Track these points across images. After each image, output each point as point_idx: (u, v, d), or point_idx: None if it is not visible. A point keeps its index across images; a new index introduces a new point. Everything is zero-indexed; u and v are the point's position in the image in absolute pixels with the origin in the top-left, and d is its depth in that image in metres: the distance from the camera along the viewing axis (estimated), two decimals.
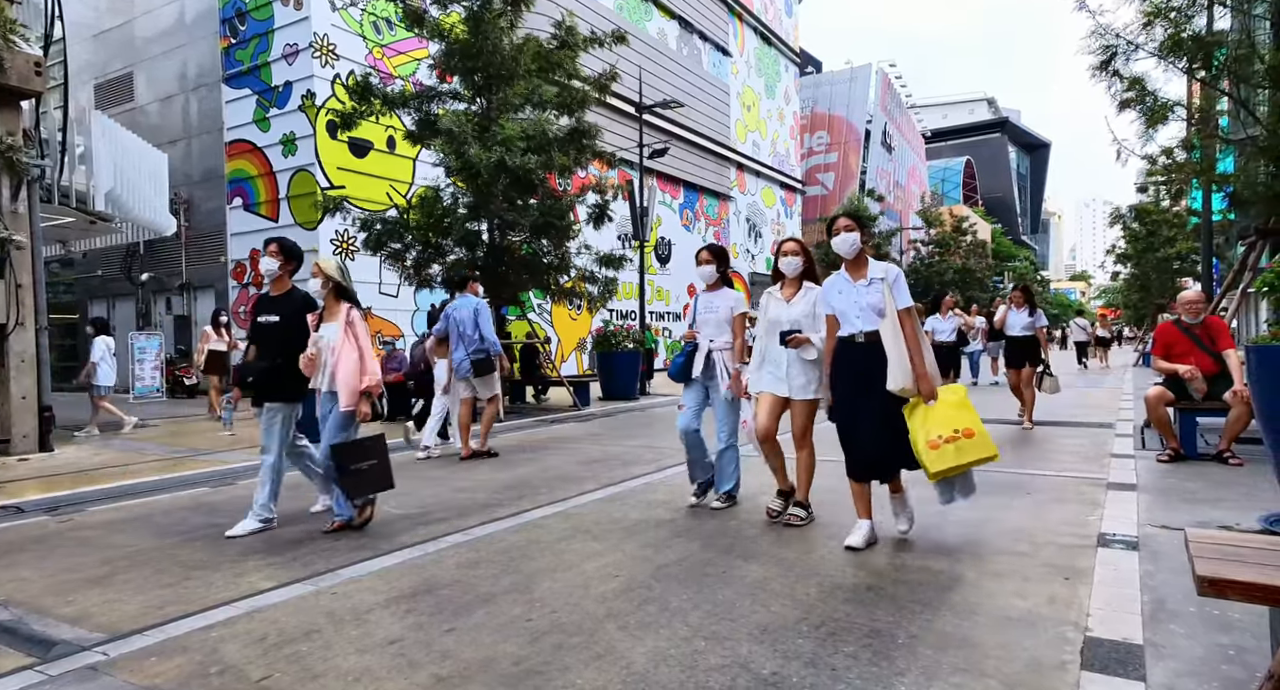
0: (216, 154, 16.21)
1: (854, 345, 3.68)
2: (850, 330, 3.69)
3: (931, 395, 3.53)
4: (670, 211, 24.15)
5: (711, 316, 4.70)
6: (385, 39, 15.76)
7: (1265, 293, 4.61)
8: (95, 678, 2.46)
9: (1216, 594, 1.65)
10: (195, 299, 16.95)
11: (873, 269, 3.72)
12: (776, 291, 4.30)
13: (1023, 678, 2.28)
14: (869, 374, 3.60)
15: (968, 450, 3.42)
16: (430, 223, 10.46)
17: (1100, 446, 6.90)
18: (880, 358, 3.54)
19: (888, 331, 3.55)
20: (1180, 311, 6.23)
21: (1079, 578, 3.19)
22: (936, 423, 3.47)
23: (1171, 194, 20.29)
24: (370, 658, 2.53)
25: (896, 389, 3.50)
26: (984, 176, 71.93)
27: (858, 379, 3.66)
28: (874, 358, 3.57)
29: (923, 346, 3.60)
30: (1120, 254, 30.90)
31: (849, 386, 3.70)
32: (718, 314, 4.68)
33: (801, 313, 4.14)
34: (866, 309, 3.64)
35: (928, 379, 3.54)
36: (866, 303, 3.65)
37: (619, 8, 22.09)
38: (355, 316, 4.46)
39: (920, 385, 3.53)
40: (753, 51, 30.25)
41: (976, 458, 3.44)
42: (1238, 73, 7.19)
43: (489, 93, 10.62)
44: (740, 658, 2.45)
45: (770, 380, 4.23)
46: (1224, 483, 5.09)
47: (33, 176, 7.97)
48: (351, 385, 4.34)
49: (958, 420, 3.46)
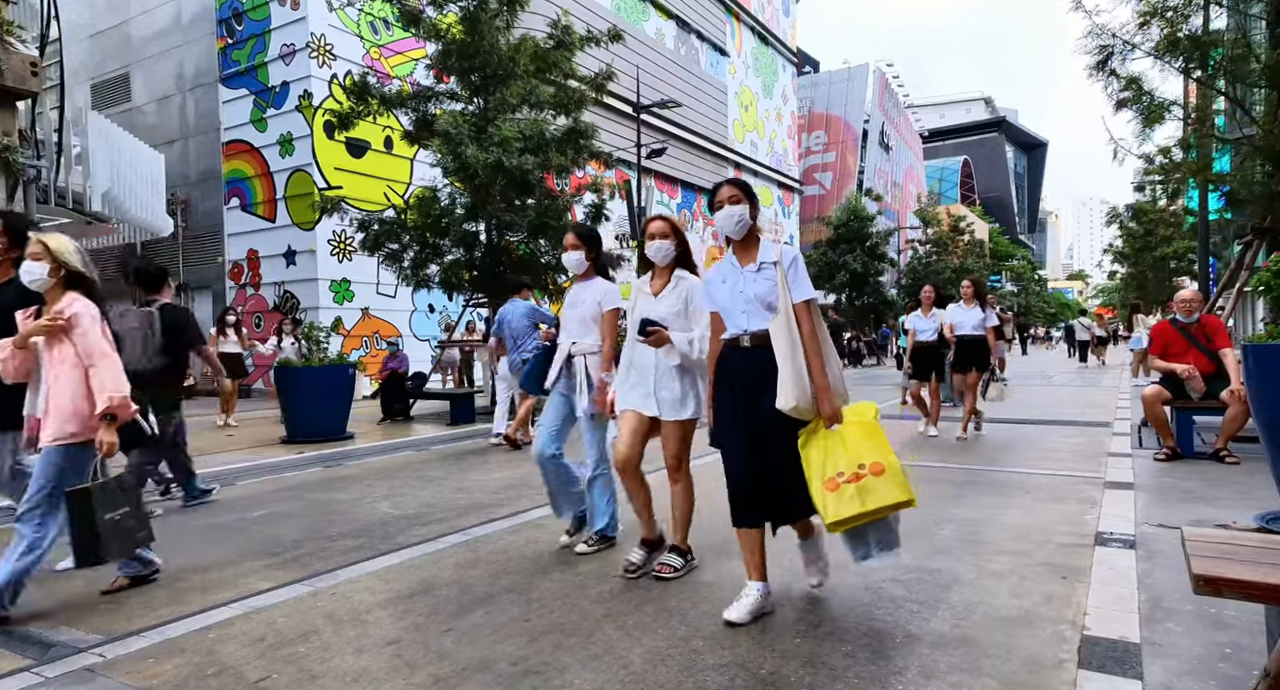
0: (213, 154, 16.19)
1: (739, 350, 2.87)
2: (735, 330, 2.88)
3: (834, 417, 2.70)
4: (668, 211, 24.17)
5: (575, 312, 3.82)
6: (382, 39, 15.75)
7: (1261, 291, 4.61)
8: (92, 679, 2.46)
9: (1213, 592, 1.66)
10: (192, 300, 16.92)
11: (764, 251, 2.89)
12: (645, 284, 3.48)
13: (1020, 676, 2.28)
14: (757, 387, 2.79)
15: (874, 492, 2.57)
16: (428, 223, 10.45)
17: (1097, 445, 6.91)
18: (771, 366, 2.72)
19: (780, 332, 2.73)
20: (1176, 310, 6.25)
21: (1076, 576, 3.20)
22: (837, 454, 2.65)
23: (1168, 193, 20.32)
24: (368, 658, 2.53)
25: (788, 408, 2.68)
26: (981, 176, 72.05)
27: (743, 393, 2.85)
28: (763, 366, 2.76)
29: (827, 352, 2.82)
30: (1117, 253, 30.98)
31: (732, 403, 2.88)
32: (582, 309, 3.79)
33: (669, 309, 3.31)
34: (753, 302, 2.81)
35: (829, 395, 2.72)
36: (753, 294, 2.82)
37: (616, 7, 22.08)
38: (80, 310, 3.13)
39: (820, 404, 2.71)
40: (750, 51, 30.27)
41: (885, 503, 2.56)
42: (1234, 72, 7.21)
43: (486, 93, 10.61)
44: (738, 657, 2.45)
45: (635, 395, 3.38)
46: (1221, 481, 5.10)
47: (29, 177, 7.95)
48: (67, 410, 3.05)
49: (864, 451, 2.63)
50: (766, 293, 2.80)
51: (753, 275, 2.85)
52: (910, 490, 2.60)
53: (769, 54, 31.91)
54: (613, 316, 3.76)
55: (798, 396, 2.68)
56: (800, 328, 2.76)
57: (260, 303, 15.61)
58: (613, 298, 3.78)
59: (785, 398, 2.69)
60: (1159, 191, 23.61)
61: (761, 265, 2.87)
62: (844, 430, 2.70)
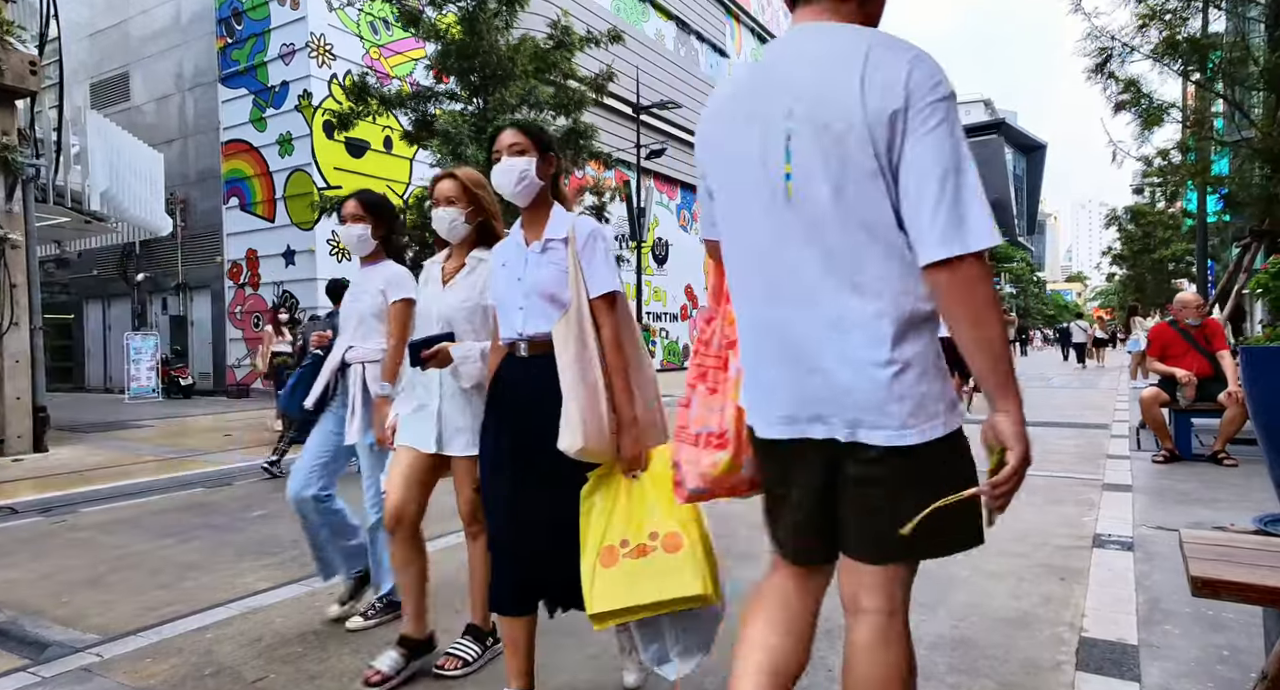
0: (213, 154, 16.18)
1: (514, 362, 2.10)
2: (508, 334, 2.10)
3: (635, 462, 1.95)
4: (667, 212, 24.16)
5: (354, 307, 2.88)
6: (382, 39, 15.75)
7: (1260, 294, 4.62)
8: (89, 679, 2.45)
9: (1211, 594, 1.66)
10: (191, 299, 16.92)
11: (553, 224, 2.10)
12: (435, 268, 2.54)
13: (1018, 678, 2.28)
14: (534, 416, 2.01)
15: (656, 578, 1.82)
16: (427, 223, 10.44)
17: (1096, 447, 6.91)
18: (555, 387, 1.93)
19: (566, 339, 1.95)
20: (1184, 314, 6.22)
21: (1074, 578, 3.20)
22: (627, 514, 1.92)
23: (1167, 196, 20.33)
24: (366, 659, 2.52)
25: (572, 449, 1.89)
26: (981, 177, 72.03)
27: (514, 424, 2.08)
28: (545, 386, 1.96)
29: (638, 367, 2.07)
30: (1116, 255, 31.04)
31: (497, 437, 2.12)
32: (362, 303, 2.84)
33: (461, 304, 2.40)
34: (533, 295, 2.04)
35: (634, 431, 1.95)
36: (533, 284, 2.04)
37: (616, 8, 22.10)
38: None
39: (621, 441, 1.94)
40: (750, 52, 30.30)
41: (667, 597, 1.80)
42: (1232, 75, 7.23)
43: (486, 93, 10.62)
44: None
45: (413, 424, 2.45)
46: (1218, 483, 5.10)
47: (28, 176, 7.95)
48: None
49: (661, 515, 1.89)
50: (550, 282, 2.02)
51: (535, 257, 2.05)
52: (710, 582, 1.81)
53: None
54: (402, 310, 2.71)
55: (587, 433, 1.88)
56: (598, 333, 1.98)
57: (259, 302, 15.60)
58: (402, 286, 2.78)
59: (569, 434, 1.88)
60: (1158, 194, 23.69)
61: (548, 244, 2.06)
62: (646, 482, 1.94)
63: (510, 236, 2.21)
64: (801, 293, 1.29)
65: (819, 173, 1.24)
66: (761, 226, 1.33)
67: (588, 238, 2.06)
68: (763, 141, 1.30)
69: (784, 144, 1.27)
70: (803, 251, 1.28)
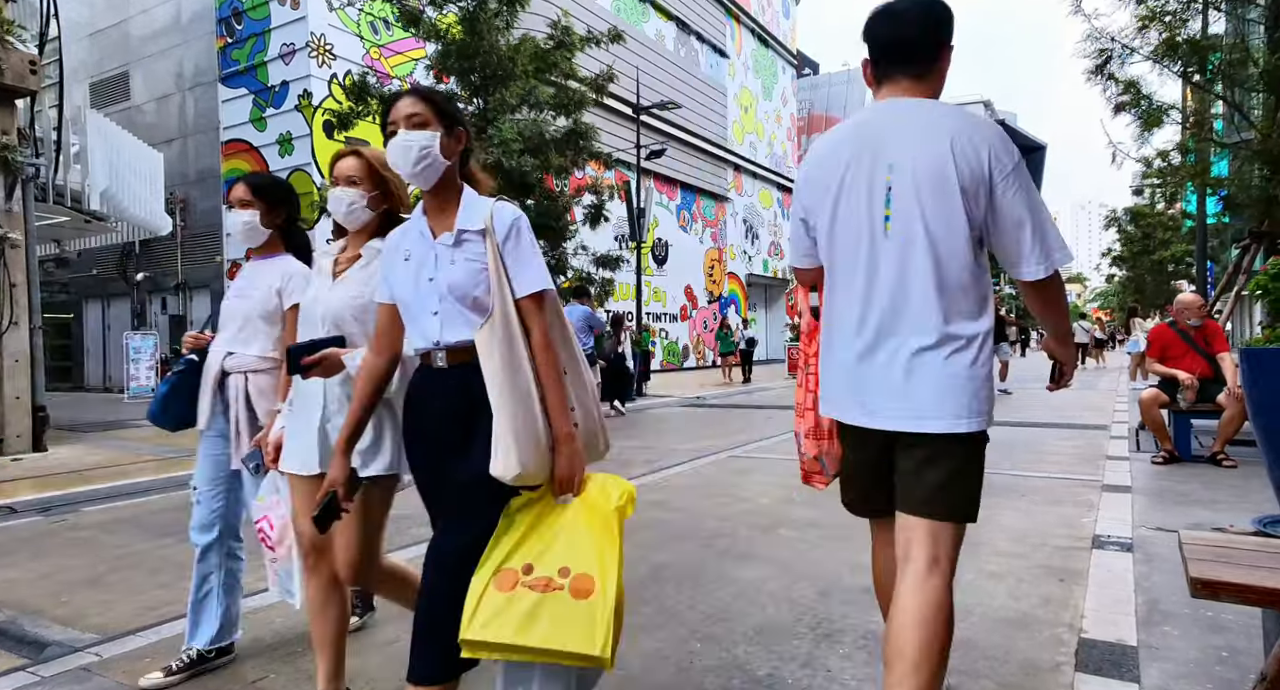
0: (212, 153, 16.19)
1: (432, 375, 1.81)
2: (422, 343, 1.80)
3: (568, 483, 1.72)
4: (667, 213, 24.17)
5: (239, 307, 2.45)
6: (382, 39, 15.76)
7: (1259, 295, 4.62)
8: (88, 679, 2.45)
9: (1210, 595, 1.66)
10: (191, 299, 16.92)
11: (465, 213, 1.79)
12: (327, 259, 2.16)
13: (1017, 679, 2.28)
14: (459, 437, 1.76)
15: (550, 621, 1.58)
16: None
17: (1095, 448, 6.92)
18: (482, 403, 1.69)
19: (492, 348, 1.69)
20: (1185, 315, 6.21)
21: (1074, 579, 3.20)
22: (541, 539, 1.69)
23: (1166, 197, 20.36)
24: (365, 659, 2.52)
25: (508, 476, 1.64)
26: None
27: (442, 443, 1.79)
28: (470, 403, 1.73)
29: (575, 374, 1.82)
30: (1116, 257, 31.06)
31: (426, 458, 1.84)
32: (250, 302, 2.43)
33: (351, 301, 2.05)
34: (449, 297, 1.75)
35: (572, 445, 1.72)
36: (447, 284, 1.75)
37: (616, 9, 22.11)
38: None
39: (557, 457, 1.71)
40: (750, 53, 30.30)
41: (554, 646, 1.56)
42: (1232, 76, 7.24)
43: (486, 93, 10.63)
44: (736, 659, 2.45)
45: (295, 443, 2.07)
46: (1218, 485, 5.11)
47: (27, 175, 7.95)
48: None
49: (579, 552, 1.66)
50: (467, 282, 1.72)
51: (448, 251, 1.75)
52: (603, 643, 1.55)
53: (769, 56, 31.94)
54: (296, 317, 2.21)
55: (523, 453, 1.62)
56: (529, 339, 1.72)
57: None
58: (296, 281, 2.38)
59: (503, 459, 1.62)
60: (1157, 195, 23.70)
61: (461, 236, 1.75)
62: (576, 509, 1.70)
63: (410, 223, 1.85)
64: (887, 315, 1.68)
65: (914, 216, 1.64)
66: (862, 254, 1.71)
67: (510, 228, 1.76)
68: (868, 189, 1.69)
69: (885, 192, 1.67)
70: (893, 278, 1.67)
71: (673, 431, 9.33)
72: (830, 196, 1.75)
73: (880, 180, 1.67)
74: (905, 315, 1.66)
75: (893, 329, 1.67)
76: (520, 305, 1.75)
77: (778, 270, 31.95)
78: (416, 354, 1.84)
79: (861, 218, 1.70)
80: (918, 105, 1.72)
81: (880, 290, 1.68)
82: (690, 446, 7.68)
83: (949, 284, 1.64)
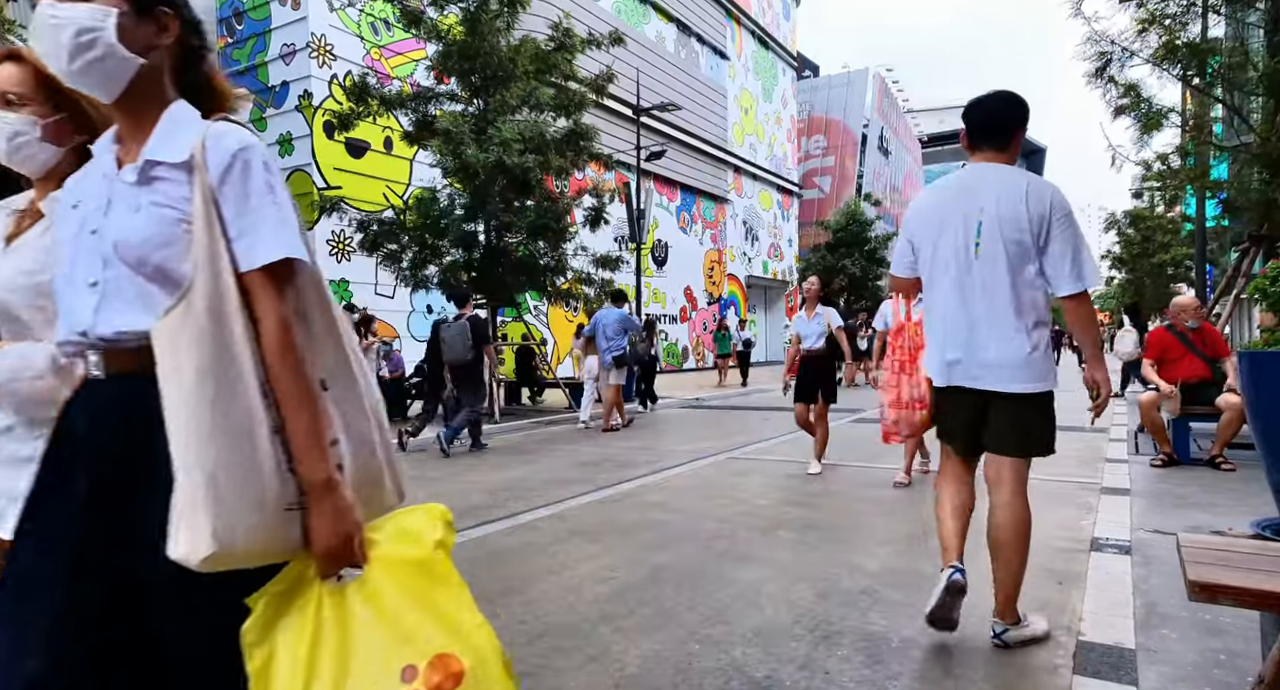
0: None
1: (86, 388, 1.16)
2: (69, 333, 1.15)
3: (337, 555, 1.09)
4: (667, 214, 24.18)
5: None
6: (383, 40, 15.76)
7: (1258, 298, 4.63)
8: None
9: (1208, 598, 1.66)
10: None
11: (165, 134, 1.15)
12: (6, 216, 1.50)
13: (1015, 682, 2.29)
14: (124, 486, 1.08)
15: None
16: (427, 224, 10.46)
17: (1094, 451, 6.92)
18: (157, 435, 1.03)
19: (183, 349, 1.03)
20: (1173, 317, 6.23)
21: (1072, 582, 3.21)
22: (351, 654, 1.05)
23: (1166, 200, 20.36)
24: None
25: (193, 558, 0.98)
26: None
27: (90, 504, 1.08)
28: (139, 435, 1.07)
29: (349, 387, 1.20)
30: (1115, 259, 31.06)
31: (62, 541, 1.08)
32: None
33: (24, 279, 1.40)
34: (115, 261, 1.11)
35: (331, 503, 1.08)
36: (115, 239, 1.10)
37: (617, 10, 22.13)
38: None
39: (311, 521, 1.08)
40: (750, 55, 30.32)
41: None
42: (1231, 80, 7.25)
43: (486, 94, 10.63)
44: (734, 660, 2.45)
45: None
46: (1216, 488, 5.11)
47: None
48: None
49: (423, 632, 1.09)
50: (150, 238, 1.09)
51: (130, 191, 1.13)
52: None
53: (769, 58, 31.96)
54: None
55: (222, 524, 1.00)
56: (256, 330, 1.09)
57: None
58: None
59: (186, 532, 1.00)
60: (1157, 198, 23.71)
61: (151, 169, 1.13)
62: (377, 579, 1.12)
63: (96, 157, 1.22)
64: (979, 310, 2.44)
65: (997, 244, 2.41)
66: (957, 272, 2.49)
67: (231, 162, 1.11)
68: (964, 224, 2.47)
69: (976, 227, 2.45)
70: (981, 286, 2.44)
71: (672, 432, 9.33)
72: (934, 228, 2.54)
73: (973, 218, 2.45)
74: (993, 311, 2.41)
75: (984, 320, 2.42)
76: (246, 282, 1.09)
77: (777, 272, 31.95)
78: (65, 354, 1.21)
79: (959, 243, 2.47)
80: (1000, 169, 2.49)
81: (973, 293, 2.45)
82: (689, 448, 7.68)
83: (1020, 289, 2.39)
